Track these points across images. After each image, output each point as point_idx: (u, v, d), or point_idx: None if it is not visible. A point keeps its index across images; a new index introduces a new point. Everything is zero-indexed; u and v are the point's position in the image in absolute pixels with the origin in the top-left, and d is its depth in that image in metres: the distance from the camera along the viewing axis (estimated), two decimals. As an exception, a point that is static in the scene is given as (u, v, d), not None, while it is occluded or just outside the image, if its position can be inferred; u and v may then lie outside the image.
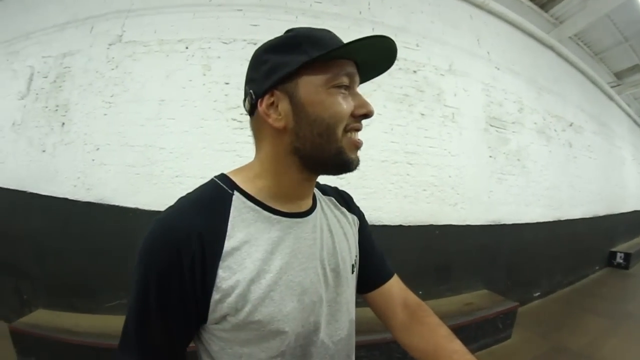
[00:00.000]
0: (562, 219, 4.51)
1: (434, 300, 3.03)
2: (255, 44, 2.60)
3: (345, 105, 0.48)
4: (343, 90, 0.49)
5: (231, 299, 0.45)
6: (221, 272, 0.45)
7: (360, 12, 3.05)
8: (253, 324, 0.46)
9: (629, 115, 8.09)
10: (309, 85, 0.48)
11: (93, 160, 2.57)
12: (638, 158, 8.72)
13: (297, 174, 0.52)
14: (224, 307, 0.45)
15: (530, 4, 5.35)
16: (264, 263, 0.48)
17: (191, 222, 0.45)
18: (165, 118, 2.53)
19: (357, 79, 0.52)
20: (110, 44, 2.75)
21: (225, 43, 2.63)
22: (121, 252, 2.25)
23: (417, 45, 3.28)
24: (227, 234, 0.47)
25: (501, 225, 3.56)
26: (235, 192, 0.51)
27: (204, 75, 2.58)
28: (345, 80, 0.49)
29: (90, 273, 2.39)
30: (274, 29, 2.68)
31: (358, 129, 0.51)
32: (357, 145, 0.51)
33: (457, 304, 3.01)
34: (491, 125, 3.58)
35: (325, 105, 0.47)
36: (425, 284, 3.06)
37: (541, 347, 2.90)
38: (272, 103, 0.49)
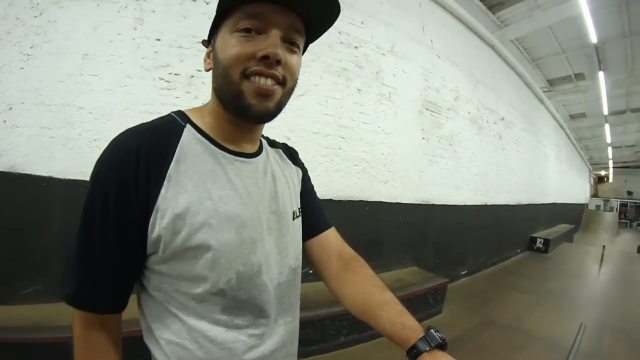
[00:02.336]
0: (488, 203, 4.61)
1: None
2: (194, 0, 2.27)
3: (241, 47, 0.45)
4: (245, 34, 0.45)
5: (169, 220, 0.43)
6: (163, 191, 0.44)
7: None
8: (190, 252, 0.44)
9: (555, 119, 8.59)
10: (221, 33, 0.48)
11: (4, 121, 2.08)
12: (560, 157, 9.35)
13: (225, 115, 0.51)
14: (161, 227, 0.43)
15: (480, 4, 5.36)
16: (204, 190, 0.46)
17: (141, 139, 0.45)
18: (87, 74, 2.10)
19: (276, 19, 0.46)
20: None
21: None
22: (34, 229, 1.90)
23: (362, 23, 3.07)
24: (175, 157, 0.46)
25: (430, 205, 3.52)
26: (188, 125, 0.51)
27: (135, 29, 2.19)
28: (245, 23, 0.45)
29: (0, 255, 1.93)
30: None
31: (259, 73, 0.45)
32: (259, 91, 0.46)
33: (387, 280, 2.92)
34: (426, 109, 3.48)
35: (224, 48, 0.47)
36: (355, 259, 2.93)
37: (471, 320, 2.94)
38: (211, 52, 0.52)
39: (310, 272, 2.68)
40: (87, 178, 1.51)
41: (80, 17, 2.17)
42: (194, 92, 2.22)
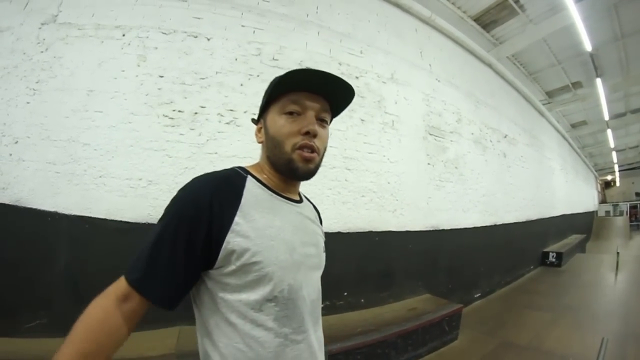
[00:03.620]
0: (497, 223, 4.56)
1: (377, 308, 2.85)
2: (196, 37, 2.34)
3: (290, 126, 0.62)
4: (292, 116, 0.63)
5: (241, 239, 0.55)
6: (237, 219, 0.56)
7: (308, 15, 2.86)
8: (254, 265, 0.56)
9: (557, 130, 8.63)
10: (271, 114, 0.66)
11: (10, 155, 2.12)
12: (565, 168, 9.33)
13: (276, 174, 0.67)
14: (235, 243, 0.55)
15: (474, 23, 5.51)
16: (268, 220, 0.60)
17: (219, 180, 0.60)
18: (92, 110, 2.15)
19: (310, 104, 0.64)
20: (43, 24, 2.31)
21: (165, 34, 2.32)
22: (38, 263, 1.89)
23: (361, 52, 3.14)
24: (244, 196, 0.60)
25: (440, 230, 3.48)
26: (249, 176, 0.65)
27: (138, 66, 2.24)
28: (291, 107, 0.63)
29: (5, 288, 1.93)
30: (217, 24, 2.29)
31: (306, 146, 0.62)
32: (304, 158, 0.62)
33: (401, 310, 2.86)
34: (430, 134, 3.51)
35: (276, 127, 0.64)
36: (367, 291, 2.86)
37: (488, 345, 2.84)
38: (261, 128, 0.70)
39: (322, 306, 2.62)
40: (93, 215, 1.65)
41: (85, 53, 2.23)
42: (198, 128, 2.25)
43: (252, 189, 0.62)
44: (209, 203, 0.55)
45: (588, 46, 5.50)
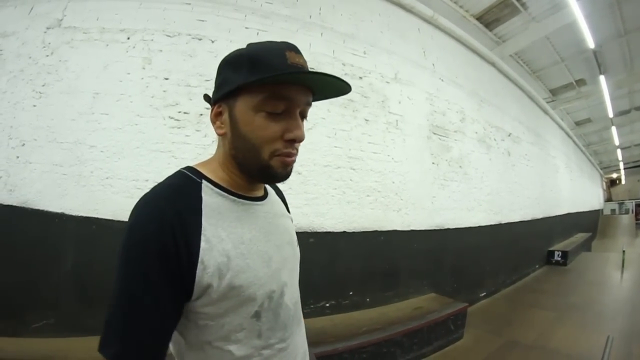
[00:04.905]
0: (502, 222, 4.58)
1: (382, 307, 2.88)
2: (200, 39, 2.38)
3: (272, 129, 0.50)
4: (271, 116, 0.50)
5: (214, 269, 0.48)
6: (203, 244, 0.48)
7: (311, 16, 2.89)
8: (234, 290, 0.50)
9: (561, 128, 8.62)
10: (244, 105, 0.51)
11: (18, 157, 2.17)
12: (570, 166, 9.32)
13: (241, 175, 0.56)
14: (208, 276, 0.47)
15: (476, 22, 5.53)
16: (237, 236, 0.52)
17: (170, 201, 0.48)
18: (98, 113, 2.19)
19: (299, 99, 0.52)
20: (48, 28, 2.36)
21: (169, 36, 2.36)
22: (46, 264, 1.95)
23: (365, 53, 3.17)
24: (203, 212, 0.50)
25: (445, 229, 3.50)
26: (204, 181, 0.54)
27: (144, 69, 2.29)
28: (276, 106, 0.50)
29: (12, 289, 1.98)
30: (221, 26, 2.36)
31: (289, 156, 0.53)
32: (284, 164, 0.53)
33: (406, 309, 2.89)
34: (434, 133, 3.54)
35: (253, 126, 0.50)
36: (373, 290, 2.90)
37: (494, 343, 2.87)
38: (220, 112, 0.55)
39: (327, 305, 2.66)
40: (99, 215, 1.69)
41: (91, 56, 2.28)
42: (203, 130, 2.28)
43: (210, 201, 0.52)
44: (171, 235, 0.46)
45: (591, 43, 5.46)
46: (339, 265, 2.71)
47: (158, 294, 0.45)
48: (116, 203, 2.05)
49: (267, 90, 0.49)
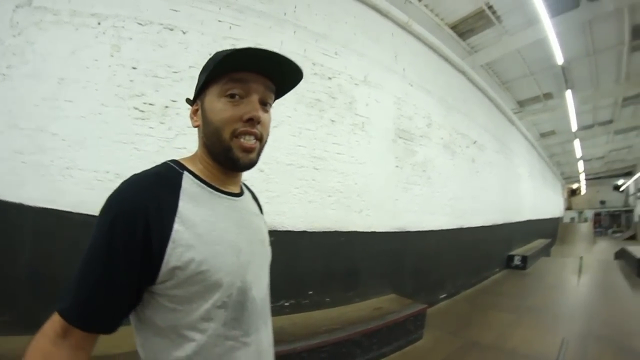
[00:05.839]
0: (464, 226, 4.80)
1: (342, 307, 2.93)
2: (171, 30, 2.32)
3: (232, 111, 0.58)
4: (233, 99, 0.59)
5: (183, 249, 0.52)
6: (176, 226, 0.52)
7: (285, 14, 2.89)
8: (201, 274, 0.53)
9: (526, 138, 9.12)
10: (210, 96, 0.60)
11: None
12: (533, 175, 9.89)
13: (214, 164, 0.63)
14: (177, 256, 0.51)
15: (450, 31, 5.72)
16: (210, 224, 0.57)
17: (152, 184, 0.55)
18: (62, 99, 2.09)
19: (256, 84, 0.60)
20: (17, 6, 2.21)
21: (141, 24, 2.28)
22: (1, 257, 1.84)
23: (336, 54, 3.22)
24: (180, 198, 0.55)
25: (406, 232, 3.62)
26: (185, 172, 0.60)
27: (112, 56, 2.20)
28: (231, 88, 0.59)
29: None
30: (194, 17, 2.28)
31: (247, 133, 0.59)
32: (244, 148, 0.60)
33: (366, 309, 2.96)
34: (399, 137, 3.65)
35: (215, 111, 0.59)
36: (333, 290, 2.95)
37: (453, 344, 2.98)
38: (196, 110, 0.64)
39: (287, 304, 2.69)
40: (59, 207, 1.60)
41: (59, 40, 2.18)
42: (168, 122, 2.24)
43: (189, 189, 0.58)
44: (143, 212, 0.51)
45: (560, 59, 5.78)
46: (299, 264, 2.74)
47: (118, 265, 0.49)
48: (76, 194, 1.98)
49: (226, 77, 0.59)
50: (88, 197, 1.98)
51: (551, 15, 4.67)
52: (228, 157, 0.60)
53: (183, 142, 2.26)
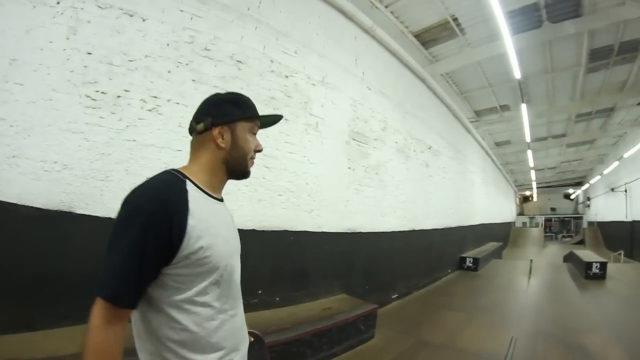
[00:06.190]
0: (416, 229, 5.01)
1: (292, 307, 2.94)
2: (131, 16, 2.22)
3: (253, 143, 0.86)
4: (253, 136, 0.87)
5: (195, 240, 0.69)
6: (190, 221, 0.69)
7: (249, 9, 2.85)
8: (205, 259, 0.71)
9: (481, 147, 9.72)
10: (242, 129, 0.84)
11: None
12: (486, 181, 10.56)
13: (222, 176, 0.85)
14: (191, 245, 0.68)
15: (414, 39, 5.92)
16: (210, 221, 0.74)
17: (169, 188, 0.72)
18: (12, 82, 1.90)
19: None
20: None
21: (101, 7, 2.15)
22: None
23: (296, 53, 3.23)
24: (189, 200, 0.71)
25: (357, 233, 3.72)
26: (187, 180, 0.76)
27: (67, 39, 2.04)
28: (255, 130, 0.88)
29: None
30: (156, 5, 2.05)
31: (253, 158, 0.88)
32: (251, 165, 0.88)
33: (315, 309, 2.98)
34: (354, 139, 3.75)
35: (246, 141, 0.85)
36: (282, 290, 2.95)
37: (404, 343, 3.05)
38: (221, 132, 0.82)
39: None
40: (3, 198, 1.66)
41: (14, 17, 1.99)
42: (119, 113, 2.14)
43: (194, 194, 0.74)
44: (168, 212, 0.67)
45: (517, 74, 6.11)
46: (248, 263, 2.65)
47: (150, 253, 0.65)
48: (22, 185, 1.83)
49: (253, 121, 0.87)
50: (34, 189, 1.86)
51: (513, 32, 4.94)
52: (244, 171, 0.86)
53: (133, 133, 2.18)
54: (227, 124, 0.82)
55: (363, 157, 3.89)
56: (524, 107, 7.82)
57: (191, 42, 2.49)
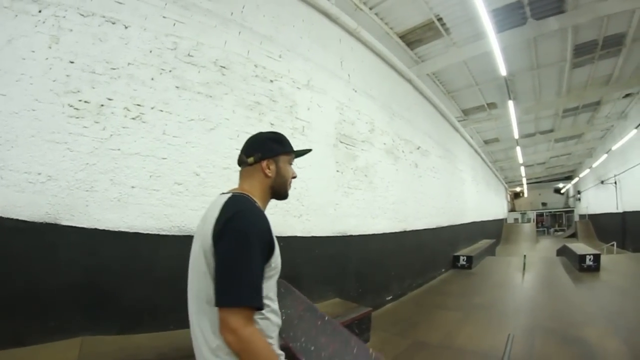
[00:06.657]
0: (407, 229, 5.06)
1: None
2: (114, 23, 2.22)
3: (291, 173, 1.12)
4: (290, 165, 1.13)
5: (276, 254, 0.96)
6: (274, 241, 0.96)
7: (232, 14, 2.87)
8: (277, 267, 0.97)
9: (470, 145, 9.89)
10: (283, 161, 1.09)
11: None
12: (476, 179, 10.73)
13: (269, 198, 1.10)
14: (274, 256, 0.95)
15: (399, 40, 6.02)
16: (275, 240, 0.97)
17: (262, 213, 0.99)
18: None
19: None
20: None
21: (83, 16, 2.15)
22: None
23: (280, 57, 3.26)
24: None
25: (348, 236, 3.74)
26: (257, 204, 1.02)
27: (50, 48, 2.04)
28: (292, 162, 1.14)
29: None
30: (138, 11, 2.06)
31: (291, 183, 1.15)
32: (290, 188, 1.14)
33: None
34: (341, 142, 3.79)
35: (287, 172, 1.10)
36: (273, 296, 2.97)
37: (401, 345, 3.05)
38: (268, 164, 1.06)
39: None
40: None
41: None
42: (102, 122, 2.13)
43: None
44: (269, 232, 0.92)
45: (503, 72, 6.24)
46: None
47: (263, 265, 0.89)
48: (6, 198, 1.81)
49: (290, 155, 1.12)
50: (18, 201, 1.84)
51: (498, 30, 5.02)
52: (286, 194, 1.12)
53: (117, 143, 2.18)
54: (272, 157, 1.07)
55: (351, 159, 3.93)
56: (511, 104, 7.99)
57: (174, 49, 2.50)
